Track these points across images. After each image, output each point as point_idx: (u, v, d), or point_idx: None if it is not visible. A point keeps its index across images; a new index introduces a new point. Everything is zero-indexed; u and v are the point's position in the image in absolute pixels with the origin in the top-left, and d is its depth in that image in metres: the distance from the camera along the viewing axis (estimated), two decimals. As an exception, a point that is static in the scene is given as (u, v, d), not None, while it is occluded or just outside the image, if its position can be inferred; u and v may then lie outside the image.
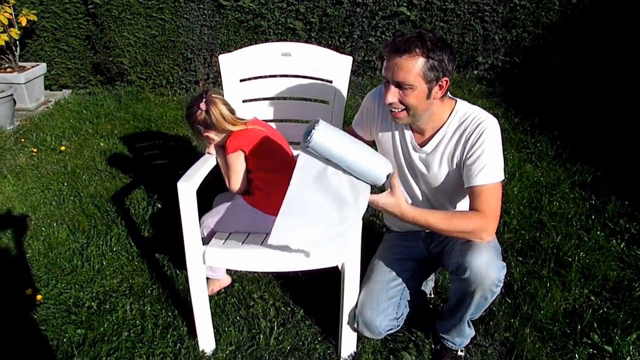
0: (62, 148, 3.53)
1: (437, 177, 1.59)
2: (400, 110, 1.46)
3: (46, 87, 4.68)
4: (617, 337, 1.78)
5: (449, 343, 1.74)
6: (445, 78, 1.44)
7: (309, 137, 1.38)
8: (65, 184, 3.05)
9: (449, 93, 1.55)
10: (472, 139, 1.47)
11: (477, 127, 1.46)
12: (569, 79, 4.35)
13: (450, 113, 1.53)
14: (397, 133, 1.64)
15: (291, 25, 4.48)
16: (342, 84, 2.04)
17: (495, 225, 1.44)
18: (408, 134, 1.60)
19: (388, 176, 1.45)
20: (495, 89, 4.42)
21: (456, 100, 1.55)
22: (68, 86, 4.83)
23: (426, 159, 1.58)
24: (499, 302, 1.98)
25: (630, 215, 2.50)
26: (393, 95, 1.43)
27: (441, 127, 1.53)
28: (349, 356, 1.77)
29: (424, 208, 1.55)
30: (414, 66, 1.38)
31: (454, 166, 1.54)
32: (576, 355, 1.75)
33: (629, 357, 1.70)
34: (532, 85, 4.37)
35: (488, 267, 1.39)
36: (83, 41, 4.60)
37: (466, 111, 1.52)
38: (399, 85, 1.42)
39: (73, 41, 4.58)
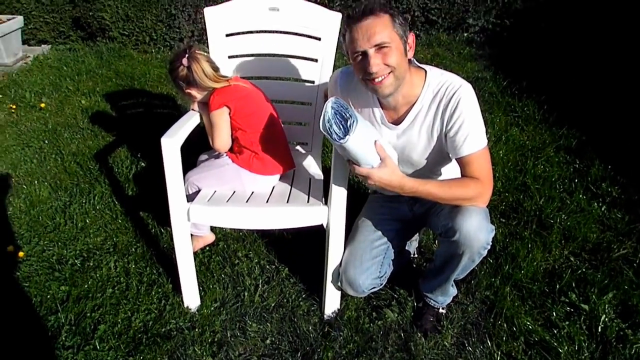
0: (42, 105, 3.43)
1: (416, 150, 1.56)
2: (386, 74, 1.39)
3: (24, 42, 4.52)
4: (593, 296, 1.83)
5: (432, 301, 1.77)
6: (411, 34, 1.43)
7: (342, 138, 1.34)
8: (46, 141, 2.98)
9: (415, 61, 1.51)
10: (449, 109, 1.43)
11: (452, 96, 1.42)
12: (559, 43, 4.31)
13: (423, 85, 1.48)
14: (366, 110, 1.59)
15: (279, -18, 4.34)
16: (331, 42, 1.99)
17: (490, 189, 1.44)
18: (378, 111, 1.56)
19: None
20: (485, 51, 4.37)
21: (426, 70, 1.50)
22: (47, 41, 4.67)
23: (402, 136, 1.55)
24: (481, 262, 2.00)
25: (612, 178, 2.53)
26: (377, 59, 1.37)
27: (415, 101, 1.49)
28: (332, 313, 1.80)
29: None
30: (385, 24, 1.36)
31: (434, 138, 1.51)
32: (554, 313, 1.79)
33: (604, 315, 1.75)
34: (522, 48, 4.32)
35: (477, 230, 1.39)
36: (62, -7, 4.42)
37: (439, 81, 1.47)
38: (378, 48, 1.36)
39: (51, -7, 4.41)
